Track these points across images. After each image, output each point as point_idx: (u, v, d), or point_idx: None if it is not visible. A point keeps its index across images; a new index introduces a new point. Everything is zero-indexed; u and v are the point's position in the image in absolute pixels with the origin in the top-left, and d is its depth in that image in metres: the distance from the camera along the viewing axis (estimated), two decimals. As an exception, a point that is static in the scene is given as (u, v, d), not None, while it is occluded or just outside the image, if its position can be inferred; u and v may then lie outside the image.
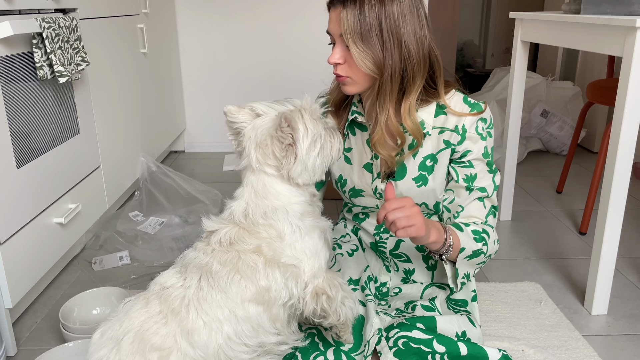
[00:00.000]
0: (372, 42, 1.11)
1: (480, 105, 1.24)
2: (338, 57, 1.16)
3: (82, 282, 1.73)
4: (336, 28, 1.15)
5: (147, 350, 0.90)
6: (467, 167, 1.26)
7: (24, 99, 1.46)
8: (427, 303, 1.27)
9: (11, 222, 1.40)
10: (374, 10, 1.10)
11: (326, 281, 1.03)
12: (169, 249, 1.91)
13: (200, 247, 1.03)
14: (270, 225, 1.02)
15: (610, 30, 1.45)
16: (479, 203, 1.27)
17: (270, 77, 3.17)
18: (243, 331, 0.96)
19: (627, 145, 1.41)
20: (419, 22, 1.14)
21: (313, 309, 1.02)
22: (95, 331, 0.95)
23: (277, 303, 0.99)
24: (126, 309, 0.96)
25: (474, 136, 1.23)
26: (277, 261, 1.00)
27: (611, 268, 1.51)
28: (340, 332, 1.09)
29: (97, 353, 0.92)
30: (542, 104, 3.04)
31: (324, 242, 1.08)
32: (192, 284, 0.97)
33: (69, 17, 1.64)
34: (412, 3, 1.13)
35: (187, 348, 0.92)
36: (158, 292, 0.97)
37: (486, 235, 1.24)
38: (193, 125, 3.28)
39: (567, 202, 2.42)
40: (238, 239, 1.00)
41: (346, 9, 1.11)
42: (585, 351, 1.37)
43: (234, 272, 0.97)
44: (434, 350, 1.11)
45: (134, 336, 0.91)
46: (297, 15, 3.07)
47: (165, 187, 2.32)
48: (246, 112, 1.09)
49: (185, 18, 3.08)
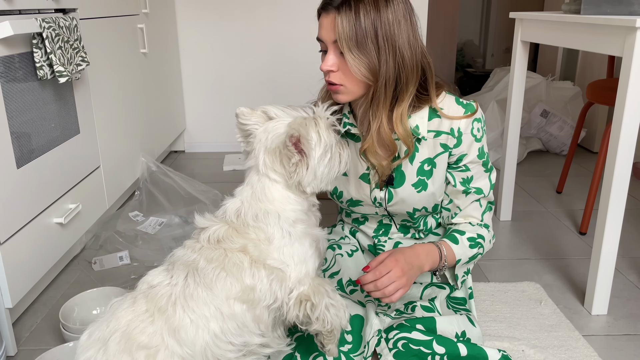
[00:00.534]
0: (368, 48, 1.10)
1: (472, 105, 1.24)
2: (331, 64, 1.14)
3: (82, 282, 1.73)
4: (329, 34, 1.13)
5: (134, 349, 0.89)
6: (463, 171, 1.27)
7: (24, 99, 1.46)
8: (426, 303, 1.27)
9: (11, 222, 1.40)
10: (370, 16, 1.08)
11: (311, 288, 1.02)
12: (169, 249, 1.91)
13: (189, 245, 1.04)
14: (259, 228, 1.02)
15: (610, 30, 1.45)
16: (476, 203, 1.30)
17: (270, 77, 3.17)
18: (229, 329, 0.95)
19: (627, 145, 1.41)
20: (412, 28, 1.13)
21: (296, 315, 1.01)
22: (83, 332, 0.94)
23: (261, 304, 0.98)
24: (113, 309, 0.95)
25: (469, 139, 1.24)
26: (263, 262, 0.99)
27: (611, 268, 1.51)
28: (325, 340, 1.05)
29: (84, 354, 0.91)
30: (542, 104, 3.05)
31: (315, 250, 1.07)
32: (178, 281, 0.96)
33: (69, 17, 1.64)
34: (405, 9, 1.12)
35: (175, 346, 0.91)
36: (145, 290, 0.97)
37: (481, 239, 1.29)
38: (193, 125, 3.28)
39: (567, 202, 2.42)
40: (226, 237, 1.00)
41: (341, 14, 1.09)
42: (585, 351, 1.37)
43: (220, 269, 0.97)
44: (434, 351, 1.11)
45: (121, 336, 0.90)
46: (297, 15, 3.07)
47: (165, 187, 2.32)
48: (258, 114, 1.09)
49: (185, 18, 3.08)
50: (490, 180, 1.30)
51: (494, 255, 1.91)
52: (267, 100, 3.22)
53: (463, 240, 1.27)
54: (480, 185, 1.29)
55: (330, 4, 1.12)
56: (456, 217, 1.32)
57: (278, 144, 1.04)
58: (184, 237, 1.98)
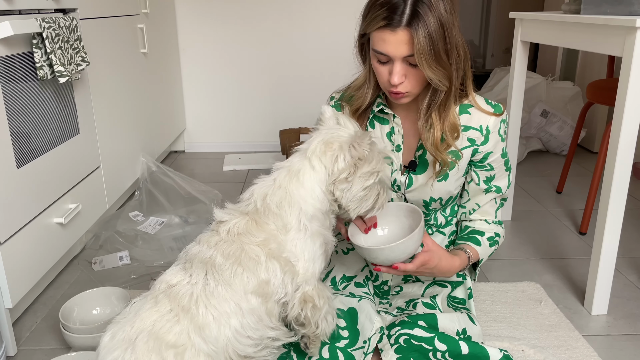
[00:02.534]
0: (443, 59, 1.11)
1: (500, 106, 1.29)
2: (401, 77, 1.14)
3: (82, 282, 1.74)
4: (399, 51, 1.10)
5: (163, 349, 0.91)
6: (487, 170, 1.31)
7: (24, 99, 1.46)
8: (427, 300, 1.28)
9: (11, 222, 1.40)
10: (437, 24, 1.07)
11: (316, 290, 1.05)
12: (169, 249, 1.91)
13: (205, 240, 1.04)
14: (279, 215, 1.04)
15: (610, 30, 1.45)
16: (493, 200, 1.36)
17: (270, 77, 3.17)
18: (248, 323, 0.98)
19: (627, 145, 1.41)
20: (457, 19, 1.14)
21: (297, 314, 1.03)
22: (104, 335, 0.95)
23: (273, 297, 1.01)
24: (134, 309, 0.97)
25: (496, 137, 1.28)
26: (279, 255, 1.01)
27: (611, 268, 1.51)
28: (310, 343, 1.09)
29: (110, 354, 0.91)
30: (542, 104, 3.04)
31: (323, 253, 1.09)
32: (198, 280, 0.98)
33: (69, 17, 1.64)
34: (452, 6, 1.12)
35: (201, 343, 0.93)
36: (165, 290, 0.98)
37: (498, 237, 1.37)
38: (193, 125, 3.28)
39: (567, 202, 2.42)
40: (246, 231, 1.02)
41: (417, 32, 1.07)
42: (585, 351, 1.37)
43: (237, 264, 0.98)
44: (435, 348, 1.12)
45: (148, 335, 0.92)
46: (297, 15, 3.07)
47: (165, 187, 2.32)
48: (333, 117, 1.12)
49: (185, 18, 3.08)
50: (508, 180, 1.36)
51: (493, 255, 1.91)
52: (267, 99, 3.23)
53: (484, 241, 1.34)
54: (500, 184, 1.34)
55: (399, 22, 1.08)
56: (474, 213, 1.36)
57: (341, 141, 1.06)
58: (184, 237, 1.98)
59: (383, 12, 1.09)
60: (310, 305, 1.03)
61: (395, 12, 1.08)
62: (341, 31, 3.04)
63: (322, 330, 1.06)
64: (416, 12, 1.07)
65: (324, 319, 1.05)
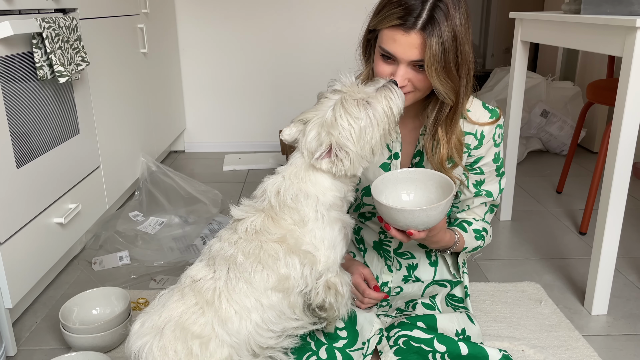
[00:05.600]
0: (452, 72, 1.09)
1: (497, 111, 1.27)
2: (405, 80, 1.13)
3: (82, 282, 1.73)
4: (409, 54, 1.09)
5: (189, 338, 0.96)
6: (477, 174, 1.31)
7: (24, 99, 1.46)
8: (427, 301, 1.28)
9: (11, 222, 1.40)
10: (450, 33, 1.06)
11: (338, 277, 1.07)
12: (169, 249, 1.91)
13: (226, 237, 1.06)
14: (296, 209, 1.04)
15: (610, 30, 1.45)
16: (482, 205, 1.35)
17: (270, 76, 3.18)
18: (269, 318, 1.01)
19: (627, 145, 1.41)
20: (470, 35, 1.12)
21: (322, 301, 1.06)
22: (134, 322, 1.01)
23: (294, 291, 1.03)
24: (162, 301, 1.02)
25: (490, 143, 1.27)
26: (298, 249, 1.03)
27: (611, 268, 1.51)
28: (329, 324, 1.14)
29: (139, 340, 0.97)
30: (542, 104, 3.04)
31: (343, 237, 1.10)
32: (221, 275, 1.02)
33: (69, 17, 1.64)
34: (467, 15, 1.11)
35: (224, 335, 0.98)
36: (190, 284, 1.03)
37: (485, 232, 1.36)
38: (193, 125, 3.28)
39: (567, 202, 2.42)
40: (263, 229, 1.04)
41: (431, 38, 1.05)
42: (585, 351, 1.37)
43: (257, 262, 1.01)
44: (435, 349, 1.11)
45: (175, 325, 0.97)
46: (297, 15, 3.07)
47: (165, 187, 2.32)
48: (297, 124, 1.09)
49: (185, 18, 3.08)
50: (499, 185, 1.34)
51: (494, 255, 1.91)
52: (267, 99, 3.23)
53: (470, 230, 1.34)
54: (491, 188, 1.33)
55: (414, 24, 1.06)
56: (462, 212, 1.36)
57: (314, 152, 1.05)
58: (184, 237, 1.98)
59: (399, 10, 1.07)
60: (332, 292, 1.06)
61: (412, 14, 1.06)
62: (341, 31, 3.04)
63: (342, 315, 1.12)
64: (433, 17, 1.05)
65: (345, 305, 1.10)
